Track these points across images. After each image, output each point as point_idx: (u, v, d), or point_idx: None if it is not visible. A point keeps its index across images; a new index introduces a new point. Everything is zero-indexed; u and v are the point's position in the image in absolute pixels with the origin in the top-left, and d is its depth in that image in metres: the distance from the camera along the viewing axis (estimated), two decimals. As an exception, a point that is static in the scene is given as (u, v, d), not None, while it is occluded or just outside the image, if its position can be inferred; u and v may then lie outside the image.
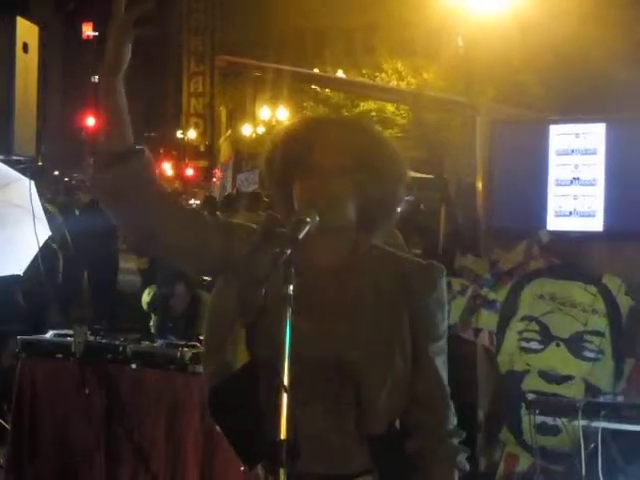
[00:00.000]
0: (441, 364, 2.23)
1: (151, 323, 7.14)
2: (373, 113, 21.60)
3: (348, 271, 2.19)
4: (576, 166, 4.78)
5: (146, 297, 7.11)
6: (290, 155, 2.16)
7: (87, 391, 4.82)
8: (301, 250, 1.99)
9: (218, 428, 2.18)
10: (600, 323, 4.62)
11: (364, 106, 21.86)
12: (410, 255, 2.36)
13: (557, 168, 4.84)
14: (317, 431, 2.10)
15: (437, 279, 2.22)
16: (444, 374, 2.24)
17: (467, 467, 2.24)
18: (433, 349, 2.21)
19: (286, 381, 1.87)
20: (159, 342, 4.98)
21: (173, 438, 4.69)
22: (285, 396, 1.86)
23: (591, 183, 4.74)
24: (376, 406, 2.14)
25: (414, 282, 2.20)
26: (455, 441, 2.23)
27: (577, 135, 4.78)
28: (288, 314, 1.90)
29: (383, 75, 21.76)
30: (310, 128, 2.23)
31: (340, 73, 19.80)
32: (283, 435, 1.85)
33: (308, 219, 2.05)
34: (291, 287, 1.91)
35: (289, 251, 1.93)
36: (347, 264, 2.19)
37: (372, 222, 2.19)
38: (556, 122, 4.96)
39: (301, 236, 2.01)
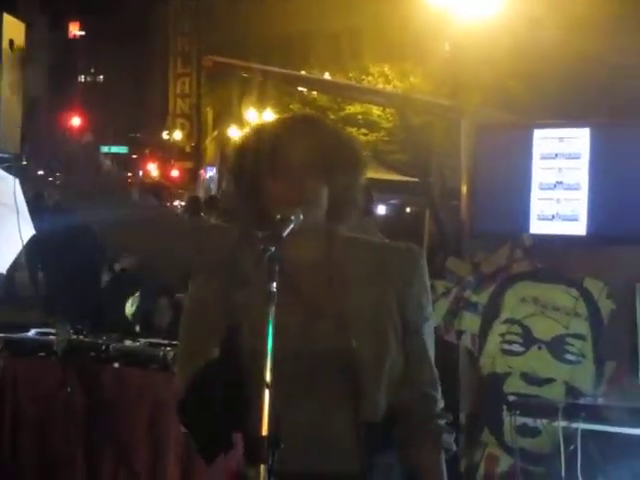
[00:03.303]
0: (430, 345, 2.26)
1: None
2: (359, 116, 21.61)
3: (329, 264, 2.21)
4: (560, 170, 4.80)
5: (129, 308, 7.05)
6: (260, 155, 2.19)
7: (69, 389, 4.81)
8: (285, 248, 2.00)
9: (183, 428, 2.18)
10: (582, 326, 4.65)
11: (350, 109, 21.87)
12: (386, 240, 2.39)
13: (541, 172, 4.86)
14: (313, 428, 2.11)
15: (417, 260, 2.27)
16: (433, 355, 2.27)
17: (453, 447, 2.27)
18: (423, 330, 2.24)
19: (268, 378, 1.87)
20: (141, 341, 4.98)
21: (154, 437, 4.68)
22: (267, 392, 1.86)
23: (575, 187, 4.76)
24: (376, 393, 2.16)
25: (395, 265, 2.24)
26: (442, 422, 2.26)
27: (561, 139, 4.81)
28: (271, 311, 1.91)
29: (370, 78, 21.75)
30: (277, 128, 2.25)
31: (327, 76, 19.79)
32: (265, 431, 1.86)
33: (292, 217, 2.08)
34: (274, 284, 1.92)
35: (273, 248, 1.95)
36: (326, 257, 2.22)
37: (340, 212, 2.22)
38: (540, 126, 4.99)
39: (285, 234, 2.04)
